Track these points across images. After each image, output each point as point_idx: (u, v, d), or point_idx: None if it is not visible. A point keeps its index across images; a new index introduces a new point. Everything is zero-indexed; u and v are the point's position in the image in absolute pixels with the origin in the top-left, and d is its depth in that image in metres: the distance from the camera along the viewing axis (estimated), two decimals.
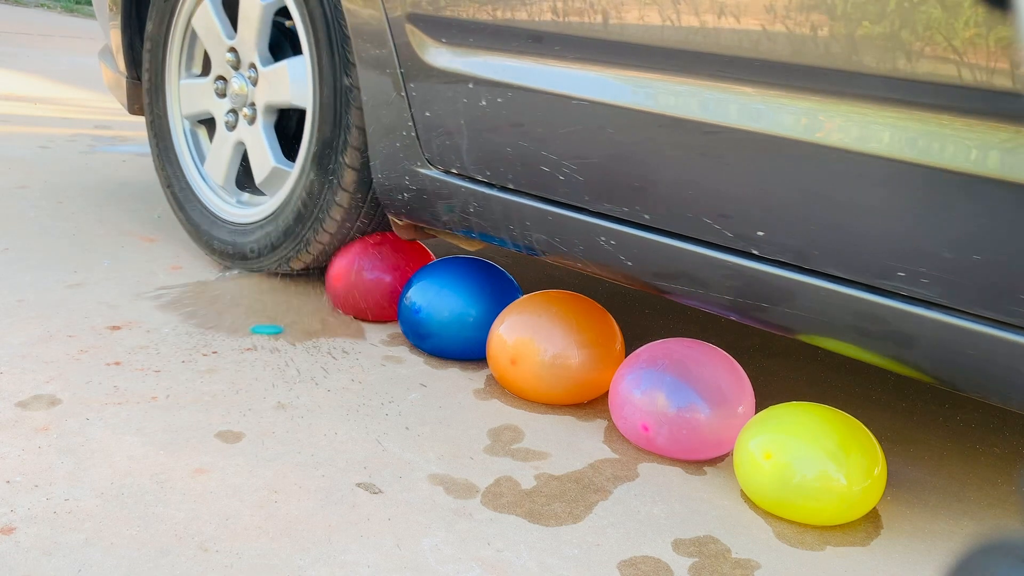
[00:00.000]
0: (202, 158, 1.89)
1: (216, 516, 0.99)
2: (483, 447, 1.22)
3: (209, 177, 1.85)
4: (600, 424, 1.34)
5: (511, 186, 1.31)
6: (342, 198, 1.56)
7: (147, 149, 2.98)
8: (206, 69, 1.87)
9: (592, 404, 1.40)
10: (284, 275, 1.75)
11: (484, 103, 1.28)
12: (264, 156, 1.70)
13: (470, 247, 1.58)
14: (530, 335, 1.34)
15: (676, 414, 1.20)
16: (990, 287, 0.90)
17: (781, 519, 1.13)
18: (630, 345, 1.42)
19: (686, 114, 1.07)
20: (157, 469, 1.07)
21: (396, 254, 1.61)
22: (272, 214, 1.69)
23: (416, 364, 1.47)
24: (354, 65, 1.47)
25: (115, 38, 2.03)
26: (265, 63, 1.68)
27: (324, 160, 1.55)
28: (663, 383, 1.22)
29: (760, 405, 1.26)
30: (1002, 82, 0.83)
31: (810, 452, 1.10)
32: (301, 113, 1.77)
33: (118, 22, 1.98)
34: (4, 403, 1.18)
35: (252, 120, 1.72)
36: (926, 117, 0.89)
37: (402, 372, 1.43)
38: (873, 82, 0.92)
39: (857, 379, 1.62)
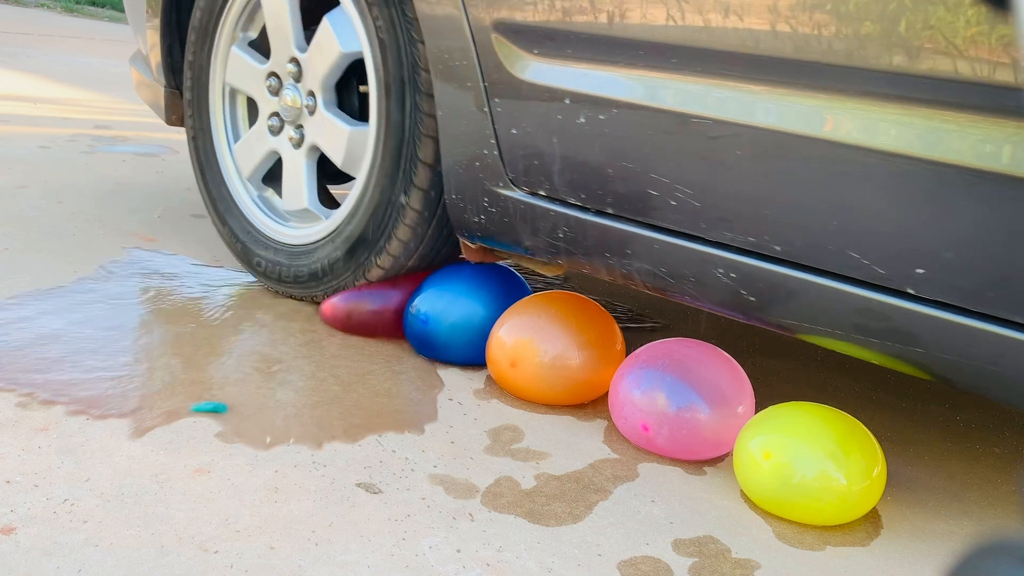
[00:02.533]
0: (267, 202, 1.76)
1: (216, 516, 0.99)
2: (483, 447, 1.22)
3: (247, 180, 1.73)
4: (600, 424, 1.34)
5: (611, 210, 1.21)
6: (410, 218, 1.46)
7: (147, 149, 2.98)
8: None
9: (592, 404, 1.40)
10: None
11: (583, 120, 1.18)
12: (298, 191, 1.62)
13: (549, 272, 1.49)
14: (530, 337, 1.34)
15: (676, 414, 1.20)
16: None
17: (781, 519, 1.13)
18: (630, 345, 1.42)
19: (843, 138, 0.96)
20: (157, 469, 1.07)
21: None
22: (333, 232, 1.57)
23: (416, 365, 1.46)
24: (422, 76, 1.38)
25: (152, 42, 1.90)
26: (328, 107, 1.56)
27: (392, 176, 1.45)
28: (663, 383, 1.22)
29: (760, 405, 1.26)
30: None
31: (810, 452, 1.10)
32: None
33: (156, 24, 1.84)
34: (4, 403, 1.18)
35: (298, 144, 1.62)
36: None
37: (400, 372, 1.43)
38: None
39: (857, 379, 1.62)
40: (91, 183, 2.39)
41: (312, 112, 1.58)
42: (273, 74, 1.64)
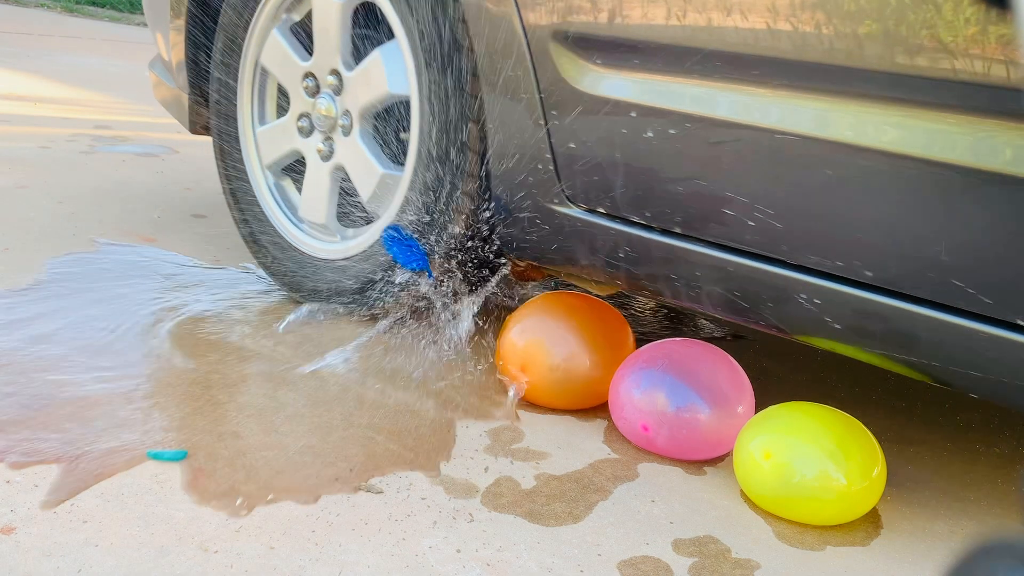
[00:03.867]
0: (284, 193, 1.70)
1: (216, 516, 0.99)
2: (483, 447, 1.22)
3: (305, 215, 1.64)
4: (600, 424, 1.34)
5: (679, 230, 1.14)
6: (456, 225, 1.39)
7: (147, 149, 2.98)
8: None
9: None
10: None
11: (651, 135, 1.11)
12: (318, 203, 1.55)
13: (601, 291, 1.42)
14: (540, 340, 1.32)
15: (676, 414, 1.20)
16: None
17: (781, 519, 1.13)
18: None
19: (951, 158, 0.90)
20: (157, 469, 1.07)
21: None
22: (346, 260, 1.52)
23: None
24: (469, 90, 1.31)
25: (176, 48, 1.79)
26: (364, 138, 1.49)
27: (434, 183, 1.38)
28: (663, 383, 1.22)
29: (760, 405, 1.26)
30: None
31: (810, 452, 1.10)
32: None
33: (180, 25, 1.74)
34: None
35: (325, 158, 1.55)
36: None
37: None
38: None
39: (857, 379, 1.62)
40: (91, 183, 2.39)
41: (346, 133, 1.51)
42: (311, 75, 1.56)
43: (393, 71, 1.42)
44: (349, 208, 1.60)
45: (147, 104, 3.93)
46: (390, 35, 1.45)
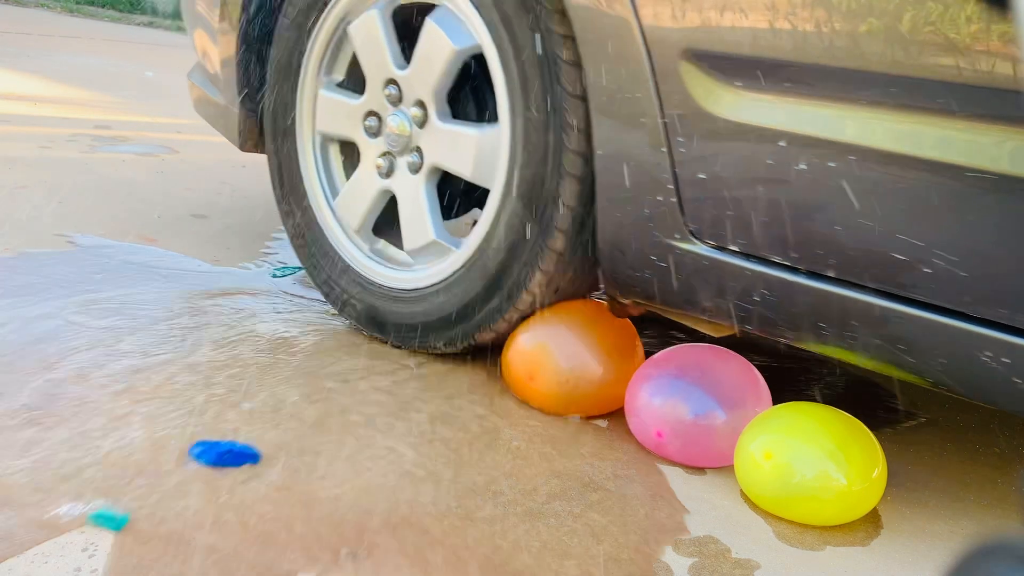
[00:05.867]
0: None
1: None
2: (484, 444, 1.22)
3: (347, 224, 1.54)
4: (600, 423, 1.34)
5: (833, 274, 1.02)
6: (547, 262, 1.27)
7: (147, 149, 2.98)
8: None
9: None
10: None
11: (805, 167, 0.99)
12: (421, 223, 1.42)
13: (715, 332, 1.29)
14: (548, 348, 1.30)
15: (693, 421, 1.19)
16: None
17: (781, 519, 1.13)
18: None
19: None
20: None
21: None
22: (450, 277, 1.39)
23: (419, 365, 1.47)
24: (565, 112, 1.20)
25: (225, 55, 1.65)
26: (443, 118, 1.38)
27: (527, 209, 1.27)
28: (679, 389, 1.21)
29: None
30: None
31: (810, 452, 1.10)
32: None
33: (232, 36, 1.59)
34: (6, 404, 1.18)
35: (416, 169, 1.42)
36: None
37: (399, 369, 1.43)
38: None
39: (857, 379, 1.62)
40: (91, 183, 2.39)
41: (422, 124, 1.40)
42: (372, 113, 1.46)
43: (452, 30, 1.32)
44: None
45: (147, 104, 3.94)
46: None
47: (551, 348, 1.31)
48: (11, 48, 5.33)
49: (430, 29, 1.35)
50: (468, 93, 1.54)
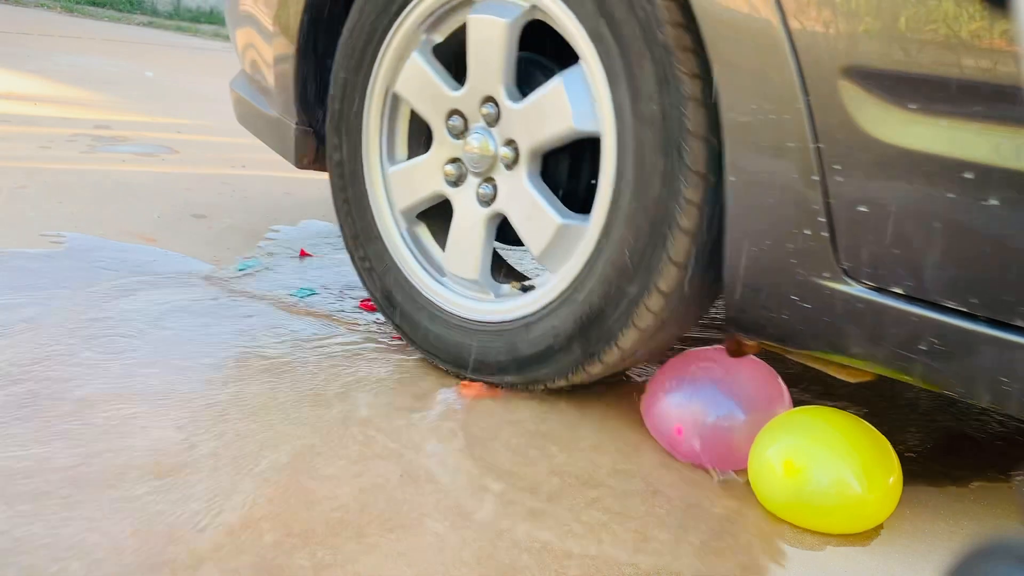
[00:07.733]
0: (417, 239, 1.46)
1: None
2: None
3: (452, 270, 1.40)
4: (601, 422, 1.33)
5: (1022, 323, 0.91)
6: (655, 302, 1.17)
7: (147, 149, 2.98)
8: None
9: (591, 400, 1.39)
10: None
11: (996, 203, 0.89)
12: (468, 256, 1.32)
13: (852, 378, 1.18)
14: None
15: (714, 423, 1.19)
16: None
17: (782, 519, 1.13)
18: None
19: None
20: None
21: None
22: (549, 305, 1.27)
23: (420, 365, 1.47)
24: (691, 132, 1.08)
25: (280, 69, 1.51)
26: (533, 179, 1.27)
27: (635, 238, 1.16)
28: (700, 392, 1.21)
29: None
30: None
31: (826, 459, 1.09)
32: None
33: (285, 43, 1.47)
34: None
35: (486, 202, 1.32)
36: None
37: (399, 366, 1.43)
38: None
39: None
40: (91, 183, 2.39)
41: (509, 167, 1.30)
42: (457, 112, 1.34)
43: (579, 102, 1.20)
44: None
45: (147, 104, 3.94)
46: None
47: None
48: (11, 48, 5.33)
49: (556, 90, 1.22)
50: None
